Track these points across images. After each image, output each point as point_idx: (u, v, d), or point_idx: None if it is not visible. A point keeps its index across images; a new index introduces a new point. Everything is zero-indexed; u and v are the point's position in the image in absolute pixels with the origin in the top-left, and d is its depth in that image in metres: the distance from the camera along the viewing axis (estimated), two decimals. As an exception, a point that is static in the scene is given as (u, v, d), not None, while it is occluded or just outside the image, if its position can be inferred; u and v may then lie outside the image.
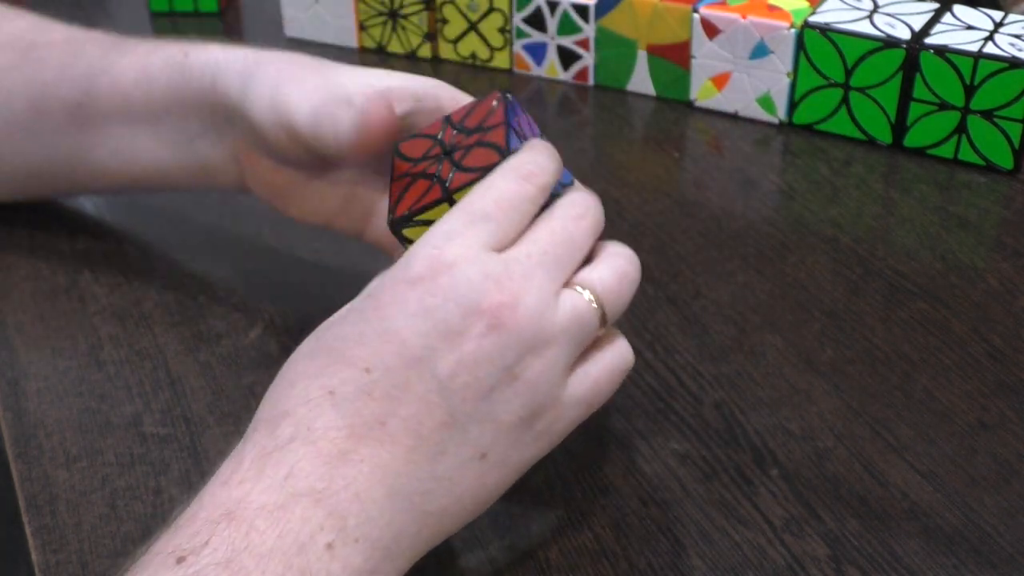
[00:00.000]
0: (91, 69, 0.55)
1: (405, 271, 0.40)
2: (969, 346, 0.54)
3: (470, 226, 0.40)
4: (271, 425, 0.38)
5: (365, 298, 0.40)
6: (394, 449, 0.38)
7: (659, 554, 0.45)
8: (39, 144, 0.57)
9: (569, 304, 0.40)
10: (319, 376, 0.39)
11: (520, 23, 0.77)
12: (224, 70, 0.51)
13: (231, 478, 0.37)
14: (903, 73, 0.67)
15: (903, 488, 0.47)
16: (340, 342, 0.40)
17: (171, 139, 0.54)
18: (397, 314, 0.39)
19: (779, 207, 0.66)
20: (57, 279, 0.59)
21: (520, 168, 0.42)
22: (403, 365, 0.39)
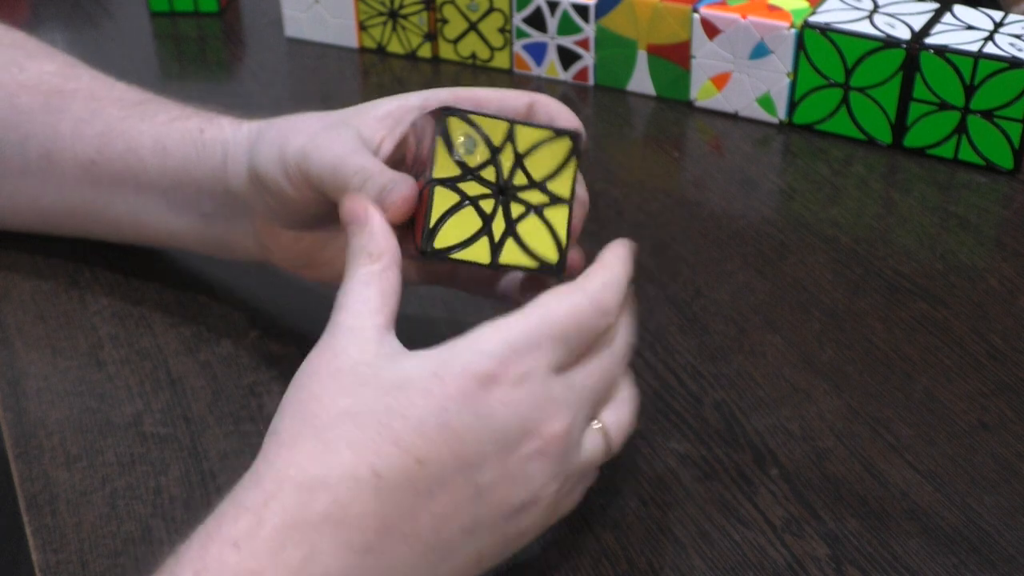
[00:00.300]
0: (108, 129, 0.54)
1: (477, 363, 0.39)
2: (969, 346, 0.54)
3: (548, 343, 0.40)
4: (304, 493, 0.36)
5: (430, 376, 0.38)
6: (414, 545, 0.38)
7: (659, 554, 0.45)
8: (53, 192, 0.56)
9: (591, 445, 0.42)
10: (368, 452, 0.37)
11: (520, 23, 0.77)
12: (232, 149, 0.51)
13: (245, 543, 0.36)
14: (903, 73, 0.67)
15: (903, 488, 0.47)
16: (396, 420, 0.38)
17: (186, 212, 0.54)
18: (463, 411, 0.38)
19: (779, 207, 0.66)
20: (57, 279, 0.59)
21: (604, 301, 0.42)
22: (454, 466, 0.38)
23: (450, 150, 0.43)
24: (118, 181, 0.54)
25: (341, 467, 0.37)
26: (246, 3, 0.90)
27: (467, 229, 0.43)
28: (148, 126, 0.54)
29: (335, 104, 0.76)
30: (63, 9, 0.90)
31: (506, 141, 0.43)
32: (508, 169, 0.43)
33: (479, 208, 0.43)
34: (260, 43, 0.84)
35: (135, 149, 0.54)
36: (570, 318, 0.41)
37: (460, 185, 0.43)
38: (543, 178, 0.43)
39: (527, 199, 0.43)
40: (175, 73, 0.82)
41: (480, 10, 0.77)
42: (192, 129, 0.52)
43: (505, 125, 0.43)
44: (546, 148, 0.43)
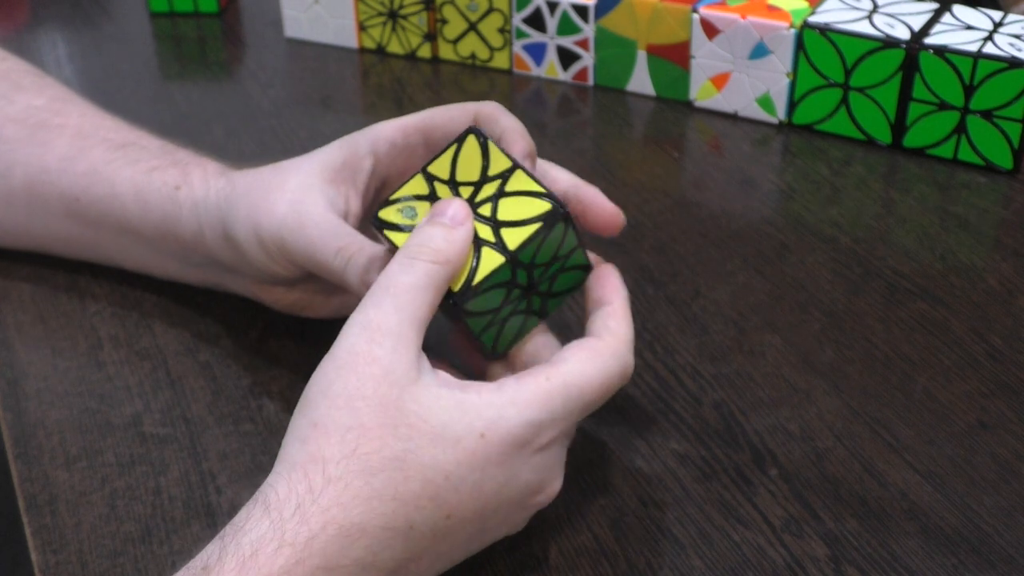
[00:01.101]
0: (92, 171, 0.54)
1: (520, 430, 0.40)
2: (968, 346, 0.55)
3: (581, 411, 0.42)
4: (346, 539, 0.37)
5: (478, 438, 0.39)
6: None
7: (659, 554, 0.45)
8: (39, 222, 0.57)
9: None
10: (407, 504, 0.38)
11: (520, 23, 0.77)
12: (205, 216, 0.50)
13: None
14: (902, 73, 0.67)
15: (902, 488, 0.47)
16: (440, 477, 0.38)
17: (173, 260, 0.55)
18: (498, 475, 0.40)
19: (779, 207, 0.66)
20: (57, 279, 0.59)
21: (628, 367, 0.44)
22: (474, 519, 0.40)
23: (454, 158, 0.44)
24: (103, 222, 0.55)
25: (383, 518, 0.38)
26: (246, 3, 0.90)
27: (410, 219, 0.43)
28: (130, 174, 0.53)
29: (335, 105, 0.77)
30: (63, 9, 0.90)
31: (499, 177, 0.43)
32: (483, 197, 0.43)
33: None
34: (260, 43, 0.84)
35: (118, 196, 0.53)
36: (601, 386, 0.42)
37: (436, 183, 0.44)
38: (503, 221, 0.43)
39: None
40: (175, 74, 0.82)
41: (480, 10, 0.77)
42: (168, 184, 0.52)
43: (508, 164, 0.43)
44: (527, 200, 0.43)
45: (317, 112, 0.76)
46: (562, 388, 0.41)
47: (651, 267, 0.60)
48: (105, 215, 0.54)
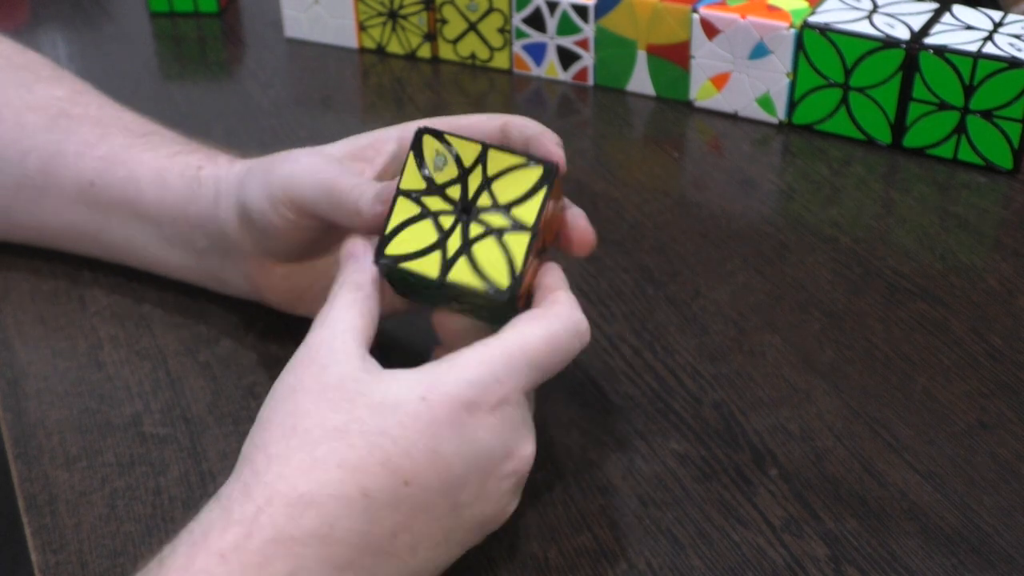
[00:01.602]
0: (111, 154, 0.55)
1: (463, 389, 0.40)
2: (968, 346, 0.55)
3: (527, 370, 0.41)
4: (293, 508, 0.37)
5: (419, 401, 0.39)
6: (392, 562, 0.39)
7: (658, 554, 0.45)
8: (49, 210, 0.57)
9: None
10: (356, 471, 0.38)
11: (520, 23, 0.77)
12: (224, 187, 0.51)
13: (232, 555, 0.36)
14: (902, 73, 0.67)
15: (902, 488, 0.47)
16: (387, 441, 0.39)
17: (180, 246, 0.54)
18: (452, 437, 0.39)
19: (779, 207, 0.66)
20: (57, 279, 0.59)
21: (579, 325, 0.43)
22: (439, 488, 0.39)
23: (420, 165, 0.43)
24: (115, 207, 0.55)
25: (331, 485, 0.37)
26: (246, 3, 0.90)
27: (421, 241, 0.43)
28: (151, 157, 0.54)
29: (335, 105, 0.77)
30: (63, 9, 0.90)
31: (477, 163, 0.43)
32: (474, 190, 0.43)
33: (437, 223, 0.43)
34: (260, 43, 0.84)
35: (135, 178, 0.54)
36: (547, 345, 0.42)
37: (423, 199, 0.43)
38: (509, 203, 0.42)
39: (488, 221, 0.42)
40: (175, 74, 0.82)
41: (479, 10, 0.77)
42: (192, 165, 0.53)
43: (478, 147, 0.43)
44: (517, 174, 0.42)
45: (317, 112, 0.76)
46: (501, 348, 0.41)
47: (651, 267, 0.60)
48: (118, 200, 0.54)
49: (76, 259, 0.60)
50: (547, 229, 0.44)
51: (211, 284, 0.56)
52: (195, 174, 0.53)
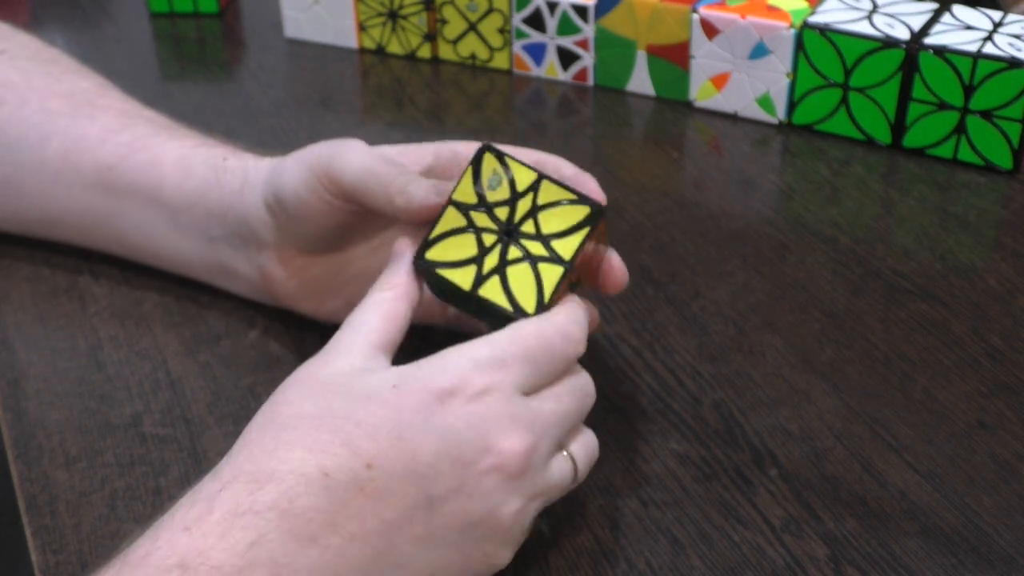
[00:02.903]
0: (135, 140, 0.56)
1: (436, 378, 0.40)
2: (968, 346, 0.55)
3: (512, 362, 0.41)
4: (254, 484, 0.38)
5: (391, 389, 0.40)
6: (363, 548, 0.38)
7: (658, 554, 0.45)
8: (63, 194, 0.57)
9: (558, 466, 0.42)
10: (319, 452, 0.38)
11: (519, 23, 0.77)
12: (252, 176, 0.52)
13: (195, 526, 0.37)
14: (902, 73, 0.67)
15: (902, 488, 0.47)
16: (352, 425, 0.39)
17: (193, 234, 0.55)
18: (417, 423, 0.39)
19: (778, 207, 0.66)
20: (57, 279, 0.59)
21: (568, 329, 0.43)
22: (404, 475, 0.39)
23: (475, 180, 0.44)
24: (132, 192, 0.55)
25: (291, 463, 0.38)
26: (246, 4, 0.90)
27: (461, 252, 0.44)
28: (175, 146, 0.55)
29: (335, 105, 0.77)
30: (63, 10, 0.90)
31: (529, 190, 0.44)
32: (521, 215, 0.44)
33: (480, 238, 0.44)
34: (260, 44, 0.84)
35: (158, 164, 0.55)
36: (536, 340, 0.42)
37: (471, 213, 0.44)
38: (550, 234, 0.44)
39: (528, 247, 0.44)
40: (175, 74, 0.82)
41: (479, 10, 0.77)
42: (216, 156, 0.54)
43: (534, 175, 0.44)
44: (565, 208, 0.44)
45: (317, 112, 0.76)
46: (488, 342, 0.41)
47: (651, 267, 0.60)
48: (137, 184, 0.55)
49: (76, 260, 0.60)
50: (584, 267, 0.45)
51: (217, 276, 0.56)
52: (220, 163, 0.53)
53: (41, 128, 0.57)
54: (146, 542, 0.37)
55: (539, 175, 0.44)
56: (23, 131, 0.57)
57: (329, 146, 0.48)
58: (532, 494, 0.41)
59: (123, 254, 0.59)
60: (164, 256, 0.57)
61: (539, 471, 0.41)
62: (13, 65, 0.60)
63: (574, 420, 0.43)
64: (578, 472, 0.43)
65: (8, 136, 0.57)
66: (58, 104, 0.58)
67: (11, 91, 0.58)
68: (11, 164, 0.57)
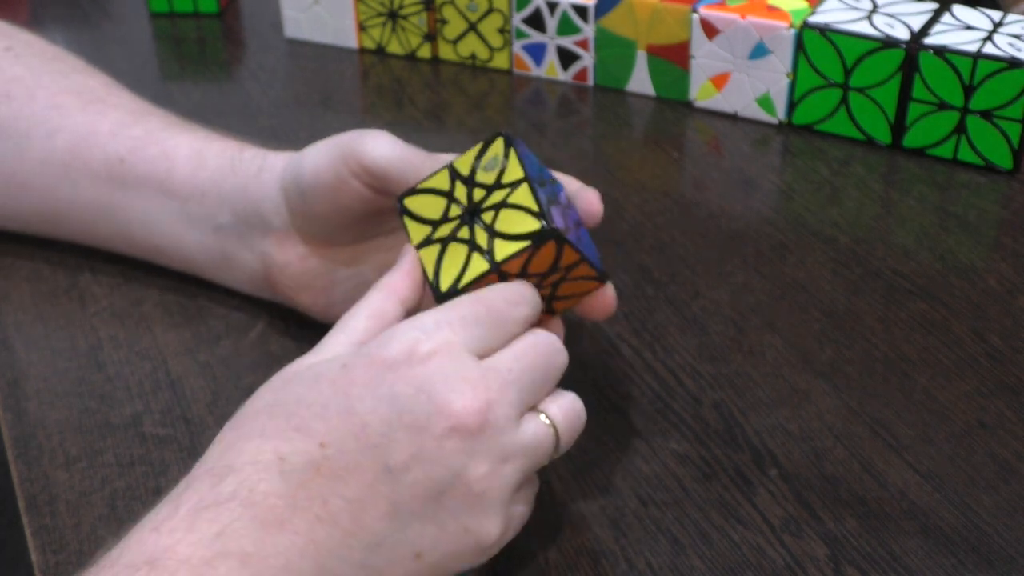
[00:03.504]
0: (147, 134, 0.56)
1: (383, 349, 0.40)
2: (968, 346, 0.55)
3: (459, 324, 0.41)
4: (215, 478, 0.38)
5: (339, 368, 0.40)
6: (332, 530, 0.38)
7: (658, 554, 0.45)
8: (68, 188, 0.57)
9: (532, 427, 0.41)
10: (273, 438, 0.39)
11: (519, 23, 0.77)
12: (271, 162, 0.52)
13: (162, 525, 0.37)
14: (902, 73, 0.67)
15: (902, 488, 0.47)
16: (303, 408, 0.39)
17: (199, 223, 0.55)
18: (365, 395, 0.39)
19: (778, 207, 0.66)
20: (57, 279, 0.59)
21: (509, 293, 0.43)
22: (358, 448, 0.38)
23: (479, 156, 0.45)
24: (142, 183, 0.55)
25: (248, 453, 0.39)
26: (246, 4, 0.90)
27: (428, 211, 0.45)
28: (188, 138, 0.56)
29: (335, 105, 0.77)
30: (63, 9, 0.90)
31: (509, 186, 0.44)
32: (489, 204, 0.44)
33: (447, 207, 0.45)
34: (260, 44, 0.84)
35: (170, 155, 0.55)
36: (477, 303, 0.42)
37: (456, 181, 0.45)
38: (498, 232, 0.44)
39: (476, 234, 0.44)
40: (175, 74, 0.82)
41: (479, 10, 0.77)
42: (232, 147, 0.55)
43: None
44: (523, 216, 0.43)
45: (317, 112, 0.76)
46: (430, 311, 0.41)
47: (651, 267, 0.60)
48: (147, 176, 0.55)
49: (76, 259, 0.60)
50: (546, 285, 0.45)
51: (218, 267, 0.56)
52: (236, 154, 0.54)
53: (50, 123, 0.57)
54: (118, 547, 0.37)
55: (527, 179, 0.44)
56: (31, 126, 0.57)
57: (358, 132, 0.48)
58: (501, 455, 0.40)
59: (124, 248, 0.58)
60: (166, 248, 0.57)
61: (504, 430, 0.40)
62: (20, 62, 0.60)
63: (539, 377, 0.42)
64: (560, 436, 0.42)
65: (16, 131, 0.57)
66: (67, 100, 0.58)
67: (19, 86, 0.58)
68: (18, 159, 0.57)
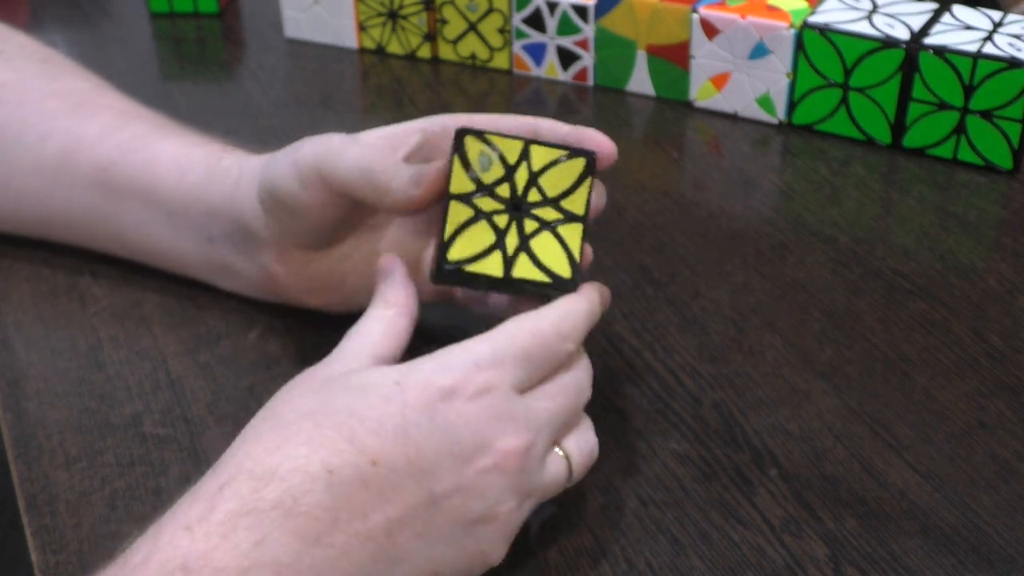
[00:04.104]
0: (133, 139, 0.56)
1: (439, 376, 0.40)
2: (968, 346, 0.55)
3: (511, 359, 0.41)
4: (257, 482, 0.37)
5: (392, 384, 0.40)
6: (366, 545, 0.38)
7: (658, 554, 0.45)
8: (61, 195, 0.57)
9: (555, 467, 0.43)
10: (323, 448, 0.38)
11: (519, 23, 0.77)
12: (247, 173, 0.52)
13: (197, 526, 0.36)
14: (902, 73, 0.67)
15: (902, 488, 0.47)
16: (356, 422, 0.39)
17: (192, 234, 0.55)
18: (421, 421, 0.39)
19: (778, 207, 0.66)
20: (57, 279, 0.59)
21: (563, 326, 0.43)
22: (409, 471, 0.39)
23: (466, 167, 0.44)
24: (130, 192, 0.55)
25: (294, 460, 0.38)
26: (246, 4, 0.90)
27: (481, 243, 0.44)
28: (171, 145, 0.55)
29: (335, 105, 0.77)
30: (63, 10, 0.90)
31: (521, 160, 0.44)
32: (522, 186, 0.44)
33: (493, 223, 0.44)
34: (260, 44, 0.84)
35: (154, 163, 0.55)
36: (532, 338, 0.42)
37: (475, 200, 0.44)
38: (557, 196, 0.44)
39: (541, 216, 0.44)
40: (175, 74, 0.82)
41: (479, 11, 0.77)
42: (212, 155, 0.54)
43: (520, 144, 0.44)
44: (561, 167, 0.44)
45: (317, 112, 0.76)
46: (487, 339, 0.41)
47: (651, 267, 0.60)
48: (135, 184, 0.55)
49: (76, 260, 0.60)
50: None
51: (218, 276, 0.56)
52: (216, 162, 0.53)
53: (39, 127, 0.57)
54: (146, 543, 0.37)
55: (525, 141, 0.44)
56: (21, 131, 0.57)
57: (316, 145, 0.47)
58: (527, 492, 0.42)
59: (123, 254, 0.58)
60: (164, 256, 0.57)
61: (535, 470, 0.42)
62: (9, 65, 0.60)
63: (567, 417, 0.43)
64: (573, 471, 0.44)
65: (5, 136, 0.57)
66: (56, 104, 0.58)
67: (7, 91, 0.58)
68: (9, 164, 0.57)
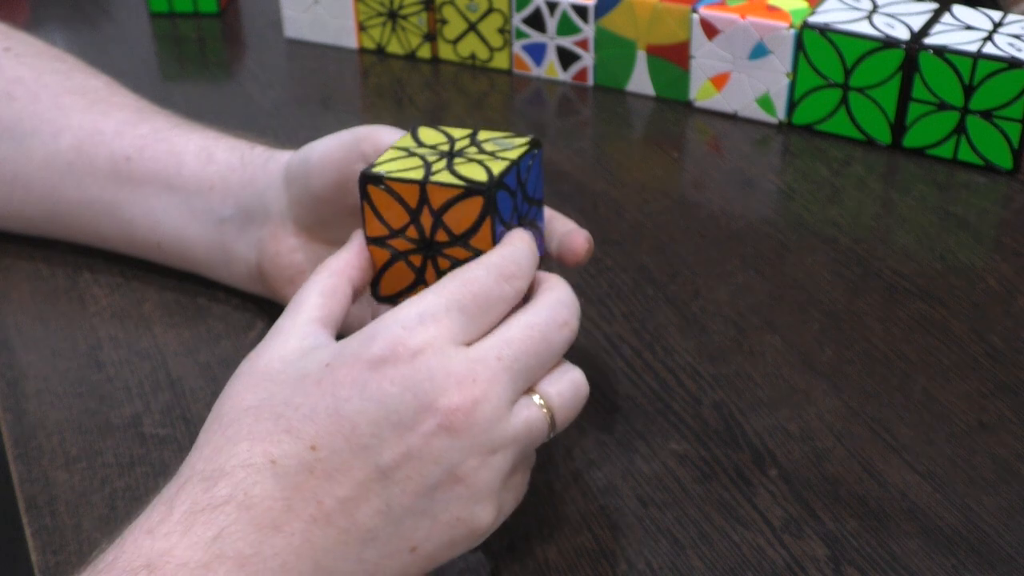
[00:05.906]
0: (154, 132, 0.57)
1: (367, 348, 0.39)
2: (968, 346, 0.55)
3: (443, 314, 0.40)
4: (208, 482, 0.38)
5: (323, 367, 0.40)
6: (327, 529, 0.38)
7: (658, 554, 0.45)
8: (72, 187, 0.57)
9: (524, 415, 0.40)
10: (263, 441, 0.38)
11: (519, 23, 0.77)
12: (279, 155, 0.54)
13: (157, 528, 0.37)
14: (902, 73, 0.67)
15: (902, 488, 0.47)
16: (291, 411, 0.39)
17: (202, 216, 0.55)
18: (352, 396, 0.39)
19: (778, 207, 0.66)
20: (57, 279, 0.59)
21: (502, 267, 0.42)
22: (349, 449, 0.38)
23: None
24: (148, 180, 0.56)
25: (238, 456, 0.38)
26: (246, 4, 0.90)
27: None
28: (197, 136, 0.57)
29: (335, 105, 0.77)
30: (63, 10, 0.90)
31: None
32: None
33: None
34: (260, 44, 0.84)
35: (178, 152, 0.56)
36: (464, 287, 0.40)
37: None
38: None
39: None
40: (175, 74, 0.82)
41: (479, 11, 0.77)
42: (242, 144, 0.56)
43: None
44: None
45: (317, 112, 0.76)
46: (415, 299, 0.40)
47: (651, 267, 0.60)
48: (154, 172, 0.56)
49: (76, 259, 0.60)
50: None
51: (216, 262, 0.56)
52: (247, 150, 0.55)
53: (55, 123, 0.57)
54: (112, 550, 0.37)
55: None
56: (36, 126, 0.57)
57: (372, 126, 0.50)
58: (490, 447, 0.39)
59: (125, 247, 0.59)
60: (168, 244, 0.57)
61: (494, 423, 0.39)
62: (21, 62, 0.60)
63: (533, 361, 0.40)
64: (556, 418, 0.41)
65: (20, 131, 0.58)
66: (71, 100, 0.58)
67: (22, 87, 0.58)
68: (22, 158, 0.58)
